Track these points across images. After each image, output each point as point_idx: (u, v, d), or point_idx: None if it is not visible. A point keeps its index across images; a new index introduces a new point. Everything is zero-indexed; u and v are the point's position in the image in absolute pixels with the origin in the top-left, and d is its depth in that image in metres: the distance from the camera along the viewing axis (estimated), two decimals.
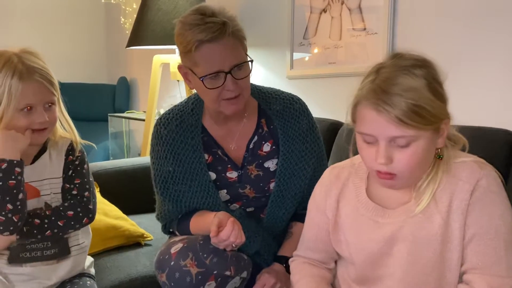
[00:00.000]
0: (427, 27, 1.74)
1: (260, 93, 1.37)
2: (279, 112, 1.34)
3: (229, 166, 1.34)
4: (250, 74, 1.25)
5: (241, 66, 1.22)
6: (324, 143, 1.77)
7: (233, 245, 1.17)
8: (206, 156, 1.33)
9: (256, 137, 1.35)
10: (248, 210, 1.38)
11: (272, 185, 1.34)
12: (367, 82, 0.94)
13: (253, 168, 1.34)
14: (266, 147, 1.35)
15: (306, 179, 1.35)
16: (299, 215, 1.37)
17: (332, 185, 1.11)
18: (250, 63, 1.24)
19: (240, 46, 1.22)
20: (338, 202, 1.10)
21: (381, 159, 0.92)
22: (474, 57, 1.59)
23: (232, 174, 1.34)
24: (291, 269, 1.20)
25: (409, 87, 0.89)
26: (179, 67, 1.28)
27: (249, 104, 1.35)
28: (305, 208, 1.36)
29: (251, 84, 1.33)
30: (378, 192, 1.05)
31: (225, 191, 1.34)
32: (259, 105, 1.36)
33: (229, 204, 1.35)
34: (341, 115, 1.91)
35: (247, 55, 1.25)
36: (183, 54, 1.23)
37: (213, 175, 1.34)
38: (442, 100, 0.94)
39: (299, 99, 1.40)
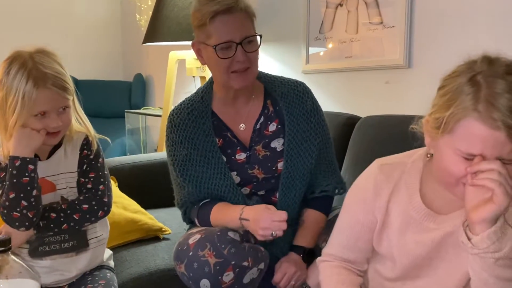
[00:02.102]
0: (445, 21, 1.72)
1: (266, 77, 1.45)
2: (284, 94, 1.41)
3: (238, 148, 1.39)
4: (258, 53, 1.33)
5: (251, 40, 1.30)
6: (341, 137, 1.79)
7: (274, 233, 1.20)
8: (216, 140, 1.39)
9: (262, 118, 1.41)
10: (259, 193, 1.41)
11: (280, 165, 1.39)
12: (470, 95, 0.83)
13: (260, 149, 1.39)
14: (272, 127, 1.41)
15: (312, 159, 1.39)
16: (309, 201, 1.41)
17: (383, 184, 1.04)
18: (259, 38, 1.32)
19: (250, 22, 1.32)
20: (388, 202, 1.04)
21: None
22: (494, 50, 1.57)
23: (241, 156, 1.39)
24: (321, 271, 1.16)
25: None
26: (193, 44, 1.37)
27: (256, 86, 1.42)
28: (313, 192, 1.41)
29: (260, 71, 1.41)
30: (431, 197, 1.00)
31: (235, 173, 1.39)
32: (265, 88, 1.44)
33: (240, 188, 1.38)
34: (358, 109, 1.94)
35: (255, 32, 1.33)
36: (198, 28, 1.32)
37: (223, 159, 1.38)
38: None
39: (302, 83, 1.46)
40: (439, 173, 0.94)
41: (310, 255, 1.34)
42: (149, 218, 1.73)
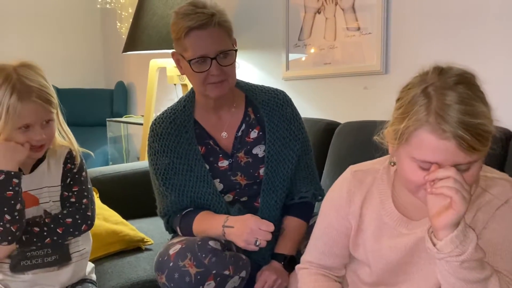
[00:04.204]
0: (420, 26, 1.75)
1: (247, 86, 1.48)
2: (264, 102, 1.44)
3: (220, 155, 1.41)
4: (236, 64, 1.37)
5: (226, 54, 1.32)
6: (321, 143, 1.80)
7: (257, 242, 1.21)
8: (199, 148, 1.40)
9: (244, 125, 1.43)
10: (242, 199, 1.42)
11: (261, 171, 1.41)
12: (422, 106, 0.85)
13: (242, 156, 1.41)
14: (253, 134, 1.43)
15: (292, 165, 1.42)
16: (289, 208, 1.44)
17: (356, 190, 1.07)
18: (234, 52, 1.34)
19: (226, 36, 1.33)
20: (361, 208, 1.07)
21: None
22: (468, 56, 1.60)
23: (224, 163, 1.41)
24: (299, 278, 1.17)
25: (479, 112, 0.84)
26: (172, 54, 1.39)
27: (237, 95, 1.45)
28: (293, 199, 1.44)
29: (241, 80, 1.44)
30: (403, 202, 1.03)
31: (218, 180, 1.40)
32: (246, 96, 1.46)
33: (223, 195, 1.40)
34: (337, 115, 1.96)
35: (234, 46, 1.36)
36: (176, 40, 1.34)
37: (206, 167, 1.39)
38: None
39: (283, 92, 1.49)
40: (402, 181, 0.98)
41: (292, 262, 1.35)
42: (131, 229, 1.72)
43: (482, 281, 0.87)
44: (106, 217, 1.71)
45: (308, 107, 2.18)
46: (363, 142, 1.63)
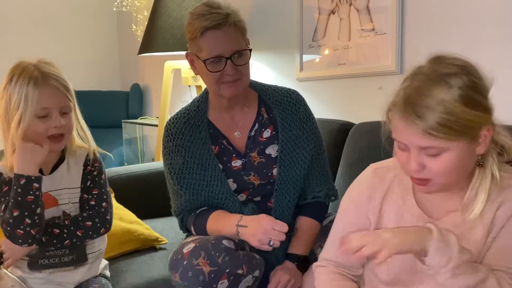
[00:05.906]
0: (436, 26, 1.74)
1: (260, 86, 1.49)
2: (277, 101, 1.45)
3: (233, 155, 1.42)
4: (250, 63, 1.38)
5: (241, 54, 1.34)
6: (335, 144, 1.80)
7: (271, 243, 1.22)
8: (213, 147, 1.41)
9: (257, 125, 1.44)
10: (255, 199, 1.43)
11: (275, 171, 1.41)
12: (402, 88, 0.93)
13: (255, 156, 1.42)
14: (266, 133, 1.44)
15: (305, 165, 1.42)
16: (302, 208, 1.44)
17: (376, 187, 1.07)
18: (249, 51, 1.36)
19: (241, 36, 1.35)
20: (381, 204, 1.07)
21: (412, 165, 0.93)
22: (483, 55, 1.58)
23: (237, 163, 1.41)
24: (316, 276, 1.16)
25: (440, 99, 0.88)
26: (187, 55, 1.41)
27: (250, 95, 1.46)
28: (306, 199, 1.44)
29: (254, 80, 1.44)
30: (424, 198, 1.03)
31: (231, 180, 1.40)
32: (259, 96, 1.47)
33: (236, 195, 1.40)
34: (351, 115, 1.96)
35: (248, 46, 1.37)
36: (190, 41, 1.36)
37: (220, 166, 1.40)
38: (480, 109, 0.90)
39: (295, 91, 1.50)
40: None
41: (305, 262, 1.35)
42: (145, 228, 1.74)
43: (479, 283, 0.87)
44: (121, 217, 1.72)
45: (322, 107, 2.18)
46: (377, 142, 1.62)
